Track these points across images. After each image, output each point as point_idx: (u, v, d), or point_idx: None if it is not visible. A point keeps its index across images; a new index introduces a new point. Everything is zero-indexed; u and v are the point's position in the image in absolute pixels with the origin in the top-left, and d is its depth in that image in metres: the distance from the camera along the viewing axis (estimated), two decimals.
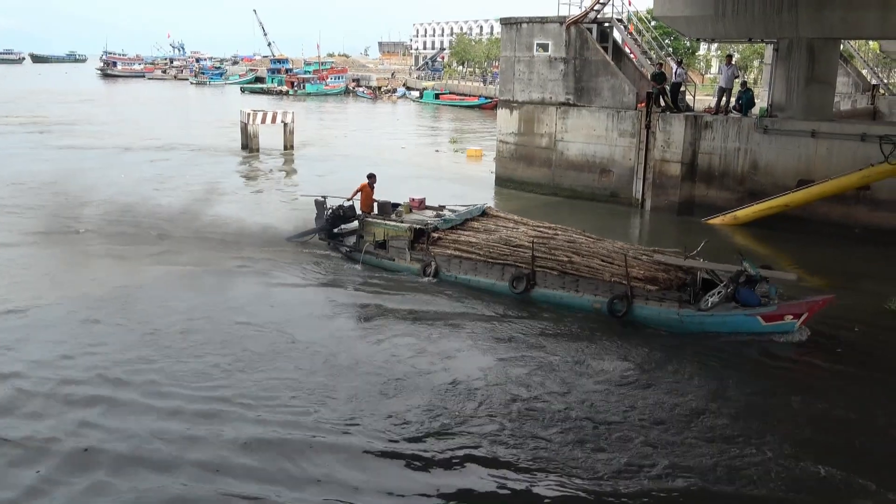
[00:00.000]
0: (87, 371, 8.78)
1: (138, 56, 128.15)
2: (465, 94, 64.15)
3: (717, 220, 17.34)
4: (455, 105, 61.99)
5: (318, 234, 14.64)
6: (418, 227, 13.09)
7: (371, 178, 14.38)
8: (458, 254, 12.47)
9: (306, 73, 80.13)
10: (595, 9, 19.92)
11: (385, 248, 13.32)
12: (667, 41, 34.88)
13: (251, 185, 23.42)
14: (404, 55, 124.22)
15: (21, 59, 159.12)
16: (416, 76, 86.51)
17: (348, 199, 14.37)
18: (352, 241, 14.17)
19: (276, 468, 6.92)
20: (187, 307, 11.03)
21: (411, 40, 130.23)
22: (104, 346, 9.56)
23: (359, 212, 14.27)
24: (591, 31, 20.22)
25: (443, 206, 14.25)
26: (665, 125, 18.51)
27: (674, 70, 20.07)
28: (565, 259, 11.54)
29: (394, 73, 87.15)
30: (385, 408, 8.08)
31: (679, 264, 11.11)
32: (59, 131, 35.37)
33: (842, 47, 23.51)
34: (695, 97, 21.38)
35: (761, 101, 21.94)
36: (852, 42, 30.69)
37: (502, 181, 22.17)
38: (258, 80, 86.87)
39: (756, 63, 51.50)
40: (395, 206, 14.00)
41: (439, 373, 8.98)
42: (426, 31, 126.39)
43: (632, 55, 21.54)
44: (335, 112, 56.83)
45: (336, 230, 14.59)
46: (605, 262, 11.35)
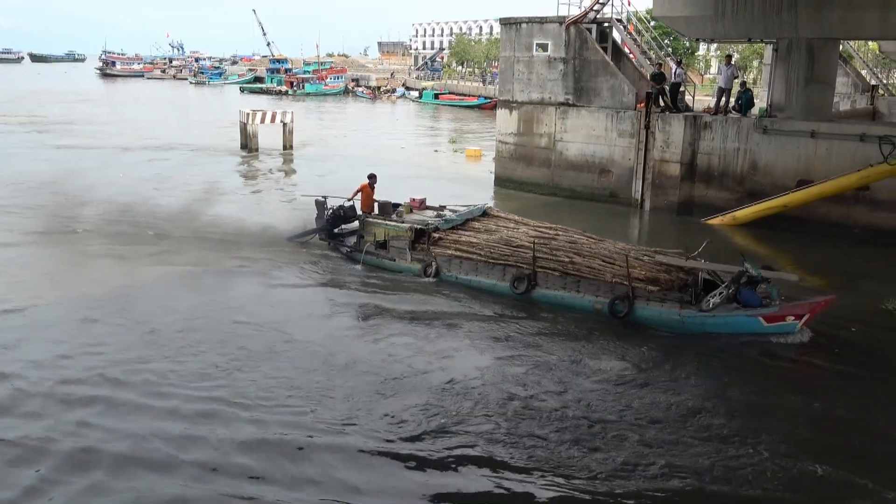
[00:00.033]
0: (85, 371, 8.78)
1: (137, 56, 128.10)
2: (465, 95, 64.11)
3: (716, 221, 17.35)
4: (454, 105, 61.96)
5: (318, 235, 14.65)
6: (419, 227, 13.08)
7: (371, 178, 14.39)
8: (459, 254, 12.45)
9: (305, 73, 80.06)
10: (594, 9, 19.93)
11: (386, 249, 13.31)
12: (666, 41, 34.87)
13: (250, 185, 23.40)
14: (404, 55, 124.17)
15: (20, 59, 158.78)
16: (415, 76, 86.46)
17: (349, 200, 14.39)
18: (352, 241, 14.17)
19: (274, 468, 6.92)
20: (186, 307, 11.03)
21: (411, 40, 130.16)
22: (103, 346, 9.56)
23: (359, 212, 14.28)
24: (590, 31, 20.23)
25: (443, 207, 14.25)
26: (664, 125, 18.51)
27: (673, 70, 20.08)
28: (566, 260, 11.53)
29: (393, 73, 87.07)
30: (383, 407, 8.08)
31: (680, 265, 11.09)
32: (58, 131, 35.32)
33: (841, 48, 23.53)
34: (694, 97, 21.39)
35: (761, 102, 21.92)
36: (852, 42, 30.71)
37: (501, 181, 22.17)
38: (257, 79, 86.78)
39: (755, 63, 51.54)
40: (396, 206, 13.97)
41: (437, 372, 8.98)
42: (425, 31, 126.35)
43: (631, 55, 21.55)
44: (334, 112, 56.80)
45: (336, 230, 14.61)
46: (606, 262, 11.33)
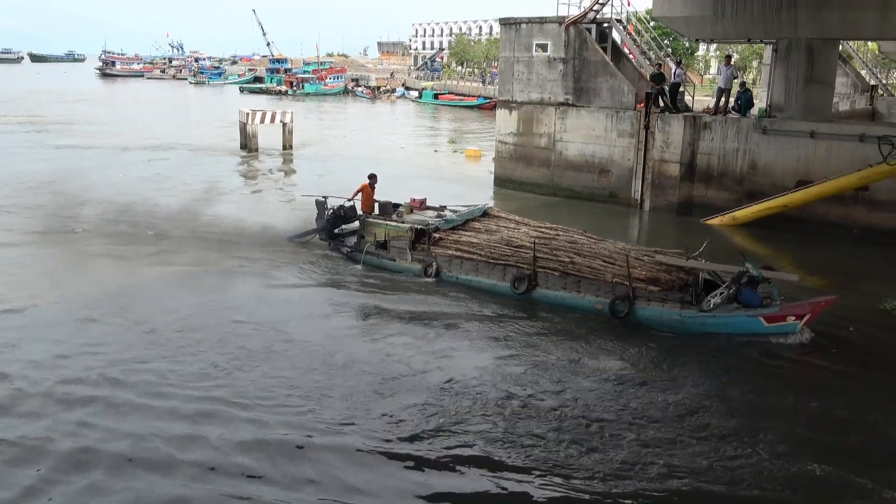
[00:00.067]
0: (84, 371, 8.78)
1: (137, 56, 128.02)
2: (464, 95, 64.09)
3: (715, 221, 17.37)
4: (454, 105, 61.94)
5: (318, 235, 14.66)
6: (419, 227, 13.08)
7: (372, 178, 14.38)
8: (460, 254, 12.46)
9: (305, 72, 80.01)
10: (594, 9, 19.93)
11: (386, 249, 13.32)
12: (666, 41, 34.89)
13: (250, 185, 23.40)
14: (403, 55, 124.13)
15: (20, 59, 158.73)
16: (415, 76, 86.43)
17: (349, 200, 14.40)
18: (352, 241, 14.17)
19: (273, 468, 6.93)
20: (186, 307, 11.03)
21: (410, 40, 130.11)
22: (102, 346, 9.56)
23: (360, 212, 14.28)
24: (590, 31, 20.24)
25: (444, 207, 14.25)
26: (664, 125, 18.53)
27: (673, 70, 20.08)
28: (567, 260, 11.53)
29: (393, 73, 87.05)
30: (382, 407, 8.10)
31: (681, 265, 11.09)
32: (57, 131, 35.34)
33: (841, 48, 23.53)
34: (694, 97, 21.38)
35: (760, 102, 21.92)
36: (851, 43, 30.71)
37: (501, 181, 22.18)
38: (257, 79, 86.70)
39: (755, 63, 51.59)
40: (396, 206, 13.97)
41: (436, 372, 8.99)
42: (425, 31, 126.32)
43: (631, 55, 21.56)
44: (334, 112, 56.78)
45: (337, 230, 14.62)
46: (606, 262, 11.33)
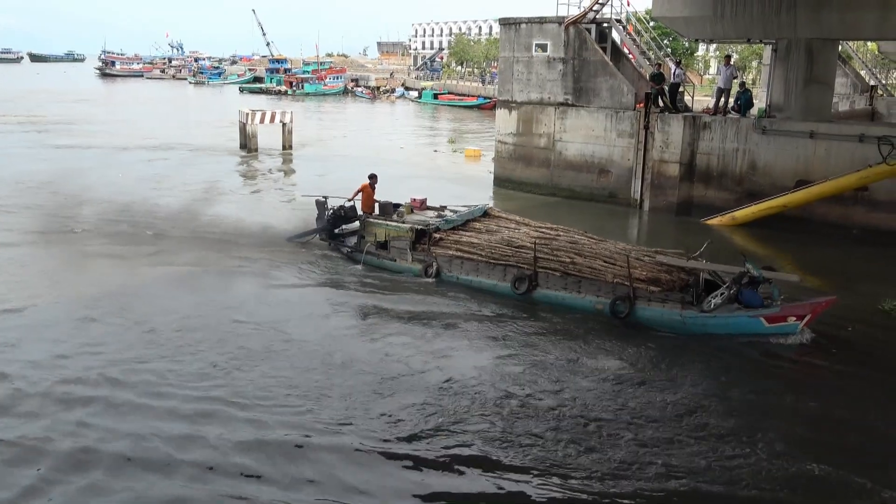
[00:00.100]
0: (84, 371, 8.79)
1: (137, 56, 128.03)
2: (464, 95, 64.11)
3: (715, 221, 17.38)
4: (453, 105, 61.95)
5: (318, 235, 14.66)
6: (420, 227, 13.08)
7: (372, 178, 14.35)
8: (460, 254, 12.46)
9: (305, 73, 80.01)
10: (594, 9, 19.94)
11: (386, 249, 13.32)
12: (665, 41, 34.90)
13: (250, 185, 23.41)
14: (403, 55, 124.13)
15: (19, 59, 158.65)
16: (414, 76, 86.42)
17: (349, 200, 14.39)
18: (353, 241, 14.17)
19: (271, 467, 6.93)
20: (185, 307, 11.03)
21: (410, 40, 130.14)
22: (101, 346, 9.57)
23: (360, 212, 14.28)
24: (589, 31, 20.24)
25: (444, 207, 14.25)
26: (664, 126, 18.54)
27: (672, 70, 20.10)
28: (567, 260, 11.52)
29: (392, 73, 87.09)
30: (381, 407, 8.10)
31: (681, 265, 11.09)
32: (57, 131, 35.35)
33: (840, 48, 23.55)
34: (693, 98, 21.40)
35: (760, 102, 21.96)
36: (851, 43, 30.73)
37: (501, 181, 22.18)
38: (257, 79, 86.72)
39: (755, 64, 51.63)
40: (397, 206, 13.96)
41: (435, 372, 8.99)
42: (425, 31, 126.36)
43: (630, 56, 21.56)
44: (334, 112, 56.78)
45: (337, 230, 14.62)
46: (607, 263, 11.32)
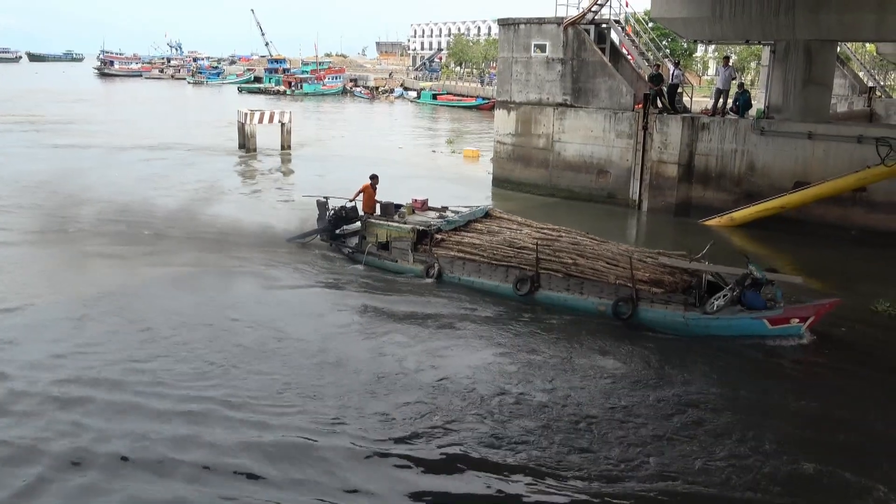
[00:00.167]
0: (81, 370, 8.80)
1: (136, 55, 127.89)
2: (463, 95, 64.11)
3: (713, 222, 17.43)
4: (452, 105, 61.95)
5: (319, 235, 14.67)
6: (421, 228, 13.08)
7: (373, 178, 14.31)
8: (462, 255, 12.46)
9: (304, 73, 79.99)
10: (593, 10, 19.98)
11: (388, 250, 13.34)
12: (664, 42, 34.90)
13: (249, 185, 23.41)
14: (402, 55, 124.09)
15: (18, 58, 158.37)
16: (413, 76, 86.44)
17: (350, 200, 14.38)
18: (354, 242, 14.19)
19: (267, 467, 6.96)
20: (184, 307, 11.04)
21: (409, 41, 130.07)
22: (99, 346, 9.58)
23: (361, 213, 14.29)
24: (588, 32, 20.28)
25: (446, 208, 14.26)
26: (662, 126, 18.58)
27: (671, 71, 20.12)
28: (570, 261, 11.50)
29: (391, 74, 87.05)
30: (376, 406, 8.13)
31: (684, 267, 11.09)
32: (55, 130, 35.32)
33: (839, 49, 23.60)
34: (692, 98, 21.44)
35: (758, 103, 22.01)
36: (849, 44, 30.78)
37: (499, 182, 22.21)
38: (256, 79, 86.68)
39: (753, 65, 51.66)
40: (398, 207, 13.96)
41: (430, 372, 9.01)
42: (424, 31, 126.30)
43: (629, 56, 21.62)
44: (332, 112, 56.76)
45: (338, 231, 14.62)
46: (609, 264, 11.30)
